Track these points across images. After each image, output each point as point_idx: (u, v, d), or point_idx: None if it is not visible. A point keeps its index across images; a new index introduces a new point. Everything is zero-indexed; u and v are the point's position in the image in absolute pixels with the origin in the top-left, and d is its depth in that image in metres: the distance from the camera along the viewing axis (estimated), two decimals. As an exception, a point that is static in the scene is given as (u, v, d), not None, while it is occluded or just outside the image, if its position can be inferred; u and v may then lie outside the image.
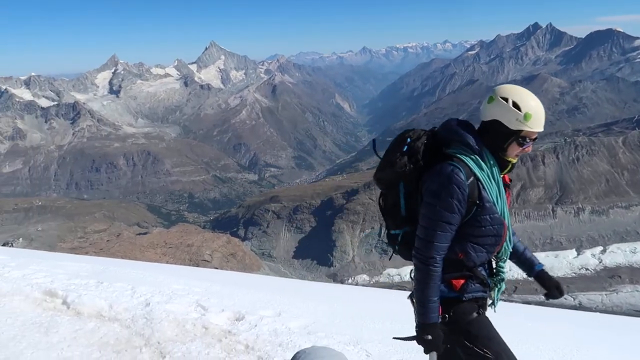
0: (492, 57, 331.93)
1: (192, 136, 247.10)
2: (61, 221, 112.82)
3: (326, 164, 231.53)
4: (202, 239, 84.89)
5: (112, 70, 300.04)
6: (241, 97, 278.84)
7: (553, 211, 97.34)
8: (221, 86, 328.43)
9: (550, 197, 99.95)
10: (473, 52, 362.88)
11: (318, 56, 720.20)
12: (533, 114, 2.71)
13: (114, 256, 64.17)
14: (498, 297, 3.01)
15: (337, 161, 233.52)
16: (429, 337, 2.62)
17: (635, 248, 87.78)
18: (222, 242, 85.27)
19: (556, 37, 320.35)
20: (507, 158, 2.77)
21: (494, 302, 3.01)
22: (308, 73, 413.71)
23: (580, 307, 72.72)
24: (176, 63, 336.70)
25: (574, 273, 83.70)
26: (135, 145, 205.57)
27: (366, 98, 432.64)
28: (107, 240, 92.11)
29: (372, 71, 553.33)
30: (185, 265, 67.86)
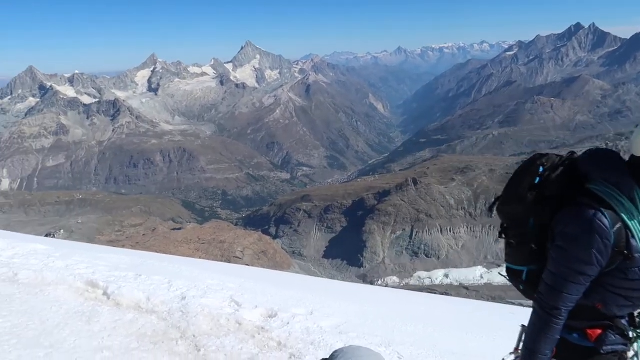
0: (531, 58, 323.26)
1: (227, 134, 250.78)
2: (100, 214, 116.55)
3: (358, 165, 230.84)
4: (234, 236, 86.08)
5: (151, 68, 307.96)
6: (275, 97, 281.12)
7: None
8: (256, 85, 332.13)
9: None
10: (511, 53, 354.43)
11: (352, 56, 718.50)
12: None
13: (149, 250, 65.80)
14: None
15: (370, 162, 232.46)
16: None
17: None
18: (254, 240, 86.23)
19: (599, 38, 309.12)
20: None
21: (637, 357, 2.48)
22: (342, 73, 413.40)
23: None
24: (213, 62, 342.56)
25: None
26: (171, 142, 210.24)
27: (400, 99, 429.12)
28: (143, 234, 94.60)
29: (407, 72, 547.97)
30: (217, 261, 68.96)
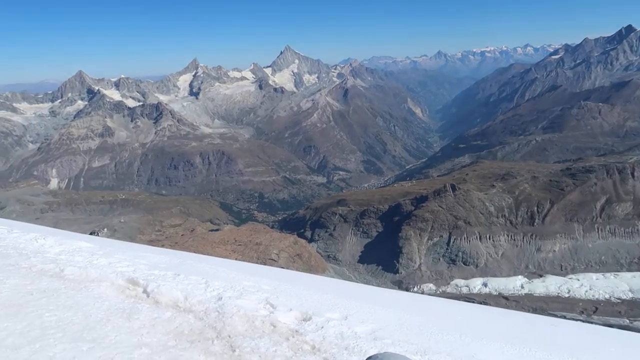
0: (578, 62, 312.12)
1: (265, 137, 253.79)
2: (141, 214, 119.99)
3: (395, 169, 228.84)
4: (270, 239, 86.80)
5: (193, 73, 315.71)
6: (313, 101, 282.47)
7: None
8: (294, 89, 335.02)
9: (639, 213, 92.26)
10: (557, 57, 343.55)
11: (391, 60, 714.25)
12: None
13: (187, 250, 67.25)
14: None
15: (407, 167, 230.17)
16: None
17: None
18: (289, 243, 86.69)
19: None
20: None
21: None
22: (380, 77, 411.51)
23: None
24: (252, 67, 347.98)
25: (665, 297, 76.63)
26: (211, 145, 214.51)
27: (439, 103, 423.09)
28: (182, 234, 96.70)
29: (447, 76, 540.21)
30: (253, 263, 69.70)
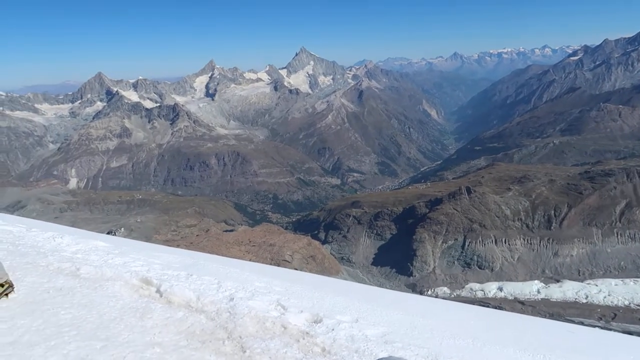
0: (598, 64, 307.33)
1: (279, 139, 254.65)
2: (157, 214, 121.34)
3: (410, 171, 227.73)
4: (284, 240, 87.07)
5: (209, 74, 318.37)
6: (328, 102, 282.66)
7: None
8: (309, 91, 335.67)
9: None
10: (575, 58, 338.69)
11: (406, 62, 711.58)
12: None
13: (202, 250, 67.74)
14: None
15: (422, 169, 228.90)
16: None
17: None
18: (303, 244, 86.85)
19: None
20: None
21: None
22: (395, 79, 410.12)
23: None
24: (267, 68, 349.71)
25: (686, 304, 74.96)
26: (226, 146, 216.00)
27: (455, 105, 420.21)
28: (197, 234, 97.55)
29: (463, 77, 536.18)
30: (266, 263, 69.96)
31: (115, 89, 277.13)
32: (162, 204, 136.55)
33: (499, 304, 75.87)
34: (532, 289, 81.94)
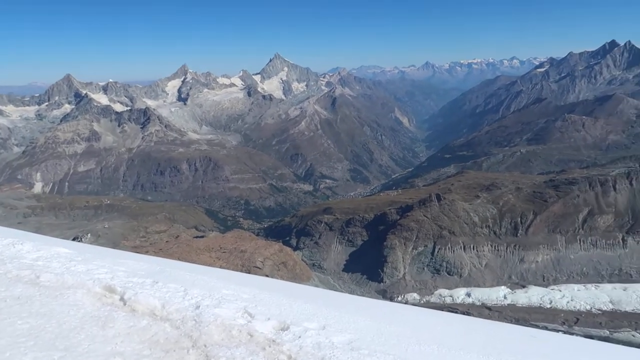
0: (563, 76, 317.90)
1: (252, 145, 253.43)
2: (126, 220, 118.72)
3: (381, 178, 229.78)
4: (255, 246, 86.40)
5: (182, 78, 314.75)
6: (301, 109, 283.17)
7: (623, 240, 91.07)
8: (282, 97, 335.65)
9: (620, 226, 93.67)
10: (542, 70, 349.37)
11: (379, 70, 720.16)
12: None
13: (172, 257, 66.61)
14: None
15: (393, 176, 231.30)
16: None
17: None
18: (274, 250, 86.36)
19: (635, 56, 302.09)
20: None
21: None
22: (368, 86, 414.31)
23: (649, 346, 67.39)
24: (241, 73, 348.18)
25: (644, 309, 77.74)
26: (198, 151, 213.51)
27: (426, 113, 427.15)
28: (167, 241, 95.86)
29: (434, 86, 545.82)
30: (237, 270, 69.28)
31: (84, 92, 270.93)
32: (131, 210, 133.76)
33: (467, 310, 77.07)
34: (499, 295, 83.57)
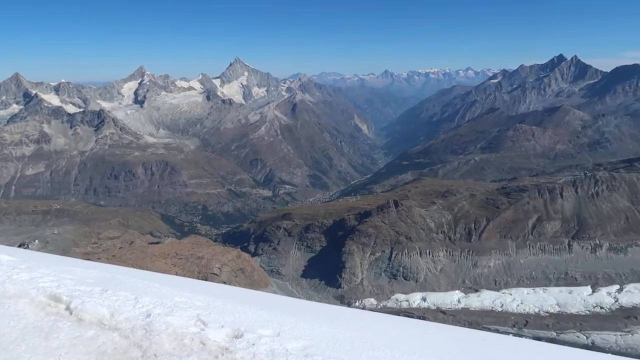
0: (515, 87, 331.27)
1: (211, 149, 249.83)
2: (77, 225, 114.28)
3: (341, 184, 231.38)
4: (213, 252, 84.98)
5: (139, 80, 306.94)
6: (261, 114, 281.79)
7: (569, 246, 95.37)
8: (242, 102, 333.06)
9: (567, 231, 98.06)
10: (495, 81, 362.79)
11: (339, 77, 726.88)
12: None
13: (125, 264, 64.61)
14: None
15: (352, 182, 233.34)
16: None
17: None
18: (232, 257, 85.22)
19: (581, 70, 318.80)
20: None
21: None
22: (329, 93, 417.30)
23: (592, 347, 70.71)
24: (200, 77, 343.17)
25: (588, 311, 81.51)
26: (154, 155, 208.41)
27: (385, 121, 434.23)
28: (120, 247, 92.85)
29: (393, 94, 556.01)
30: (194, 277, 67.99)
31: (34, 92, 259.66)
32: (83, 215, 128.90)
33: (423, 314, 78.51)
34: (453, 299, 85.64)
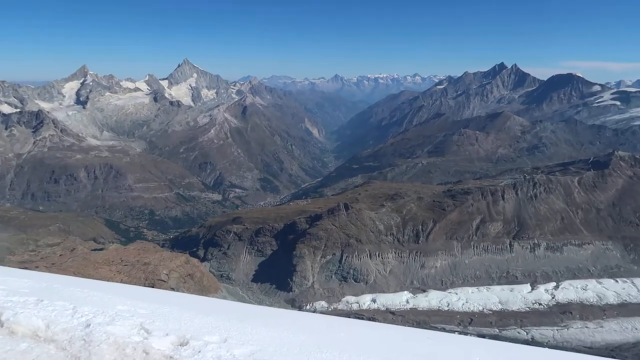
0: (459, 93, 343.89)
1: (158, 152, 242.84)
2: (13, 232, 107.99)
3: (291, 188, 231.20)
4: (160, 258, 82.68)
5: (81, 80, 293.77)
6: (211, 116, 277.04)
7: (510, 245, 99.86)
8: (191, 104, 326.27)
9: (508, 232, 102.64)
10: (441, 87, 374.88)
11: (290, 80, 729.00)
12: None
13: (66, 272, 61.73)
14: None
15: (303, 185, 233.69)
16: None
17: (586, 285, 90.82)
18: (180, 262, 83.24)
19: (520, 78, 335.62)
20: None
21: None
22: (279, 96, 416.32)
23: (532, 342, 74.20)
24: (147, 78, 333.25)
25: (528, 307, 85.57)
26: (98, 158, 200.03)
27: (335, 125, 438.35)
28: (60, 254, 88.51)
29: (343, 99, 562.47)
30: (140, 284, 65.95)
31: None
32: (19, 221, 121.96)
33: (372, 315, 79.70)
34: (402, 300, 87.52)
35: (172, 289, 69.45)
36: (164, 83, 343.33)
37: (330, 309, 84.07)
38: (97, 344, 5.81)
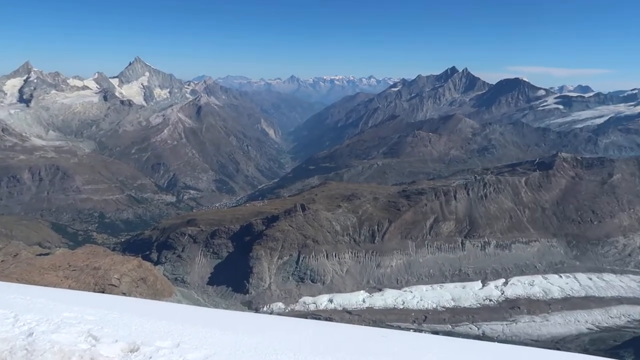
0: (413, 95, 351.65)
1: (108, 153, 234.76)
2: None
3: (247, 189, 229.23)
4: (111, 262, 79.78)
5: (24, 77, 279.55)
6: (164, 116, 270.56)
7: (462, 244, 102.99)
8: (143, 103, 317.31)
9: (460, 231, 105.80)
10: (395, 89, 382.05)
11: (246, 81, 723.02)
12: None
13: (8, 278, 58.65)
14: None
15: (259, 186, 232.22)
16: None
17: (533, 281, 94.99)
18: (132, 266, 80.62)
19: (471, 82, 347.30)
20: None
21: None
22: (235, 97, 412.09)
23: (483, 337, 76.79)
24: (96, 76, 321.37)
25: (479, 304, 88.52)
26: (43, 158, 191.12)
27: (292, 126, 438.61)
28: (2, 260, 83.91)
29: (299, 100, 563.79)
30: (89, 289, 63.60)
31: None
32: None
33: (330, 315, 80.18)
34: (359, 299, 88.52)
35: (124, 294, 67.27)
36: (114, 81, 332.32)
37: (287, 310, 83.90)
38: (41, 353, 5.57)
